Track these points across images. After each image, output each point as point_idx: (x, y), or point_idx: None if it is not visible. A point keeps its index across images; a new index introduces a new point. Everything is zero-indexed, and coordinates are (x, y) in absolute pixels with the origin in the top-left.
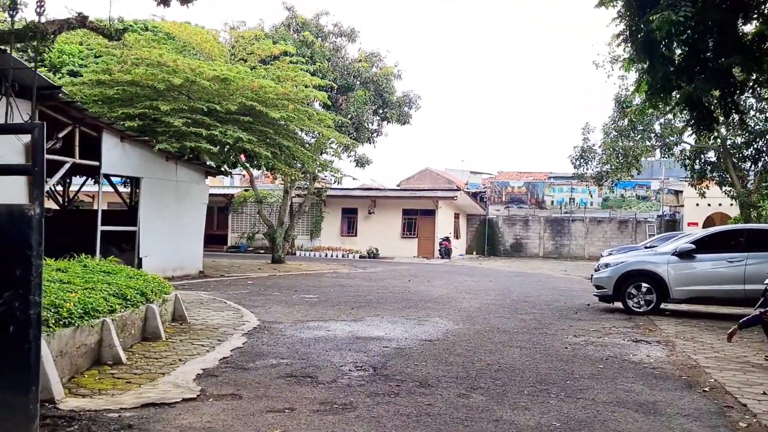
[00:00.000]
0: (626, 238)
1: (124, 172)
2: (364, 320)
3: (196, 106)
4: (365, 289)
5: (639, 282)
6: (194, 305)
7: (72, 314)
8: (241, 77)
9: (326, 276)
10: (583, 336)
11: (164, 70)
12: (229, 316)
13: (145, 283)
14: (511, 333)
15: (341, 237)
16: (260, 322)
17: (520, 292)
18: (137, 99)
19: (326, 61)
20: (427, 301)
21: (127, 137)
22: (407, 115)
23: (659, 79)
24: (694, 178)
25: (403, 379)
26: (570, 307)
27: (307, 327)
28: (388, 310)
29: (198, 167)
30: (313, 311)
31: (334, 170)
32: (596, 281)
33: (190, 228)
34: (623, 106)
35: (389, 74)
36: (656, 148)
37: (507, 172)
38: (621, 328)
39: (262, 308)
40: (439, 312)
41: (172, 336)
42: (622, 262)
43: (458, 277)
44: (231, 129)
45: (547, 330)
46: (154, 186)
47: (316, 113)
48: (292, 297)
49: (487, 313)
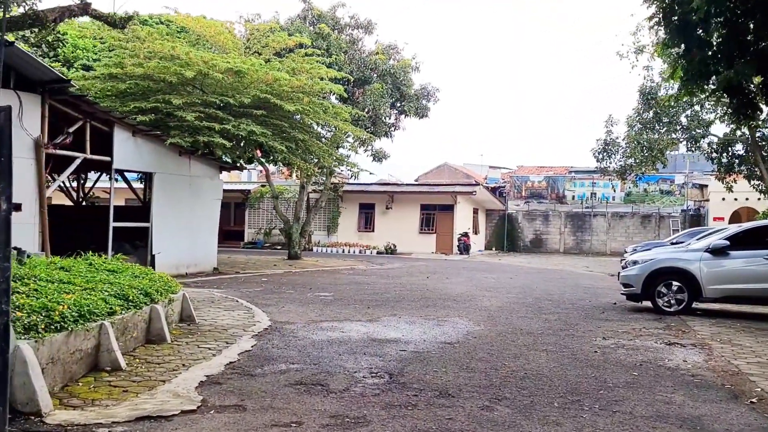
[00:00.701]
0: (649, 233)
1: (136, 167)
2: (380, 320)
3: (210, 100)
4: (382, 287)
5: (669, 280)
6: (205, 304)
7: (65, 318)
8: (255, 69)
9: (342, 273)
10: (612, 338)
11: (177, 63)
12: (239, 316)
13: (150, 283)
14: (536, 335)
15: (358, 232)
16: (272, 322)
17: (542, 289)
18: (150, 93)
19: (342, 53)
20: (446, 300)
21: (139, 132)
22: (425, 108)
23: (696, 63)
24: (721, 171)
25: (422, 387)
26: (596, 306)
27: (321, 328)
28: (406, 309)
29: (212, 162)
30: (327, 310)
31: (351, 165)
32: (624, 279)
33: (204, 224)
34: (648, 98)
35: (407, 66)
36: (682, 140)
37: (527, 167)
38: (652, 329)
39: (274, 307)
40: (459, 311)
41: (178, 338)
42: (651, 260)
43: (477, 273)
44: (244, 122)
45: (574, 331)
46: (167, 181)
47: (331, 106)
48: (306, 295)
49: (509, 312)
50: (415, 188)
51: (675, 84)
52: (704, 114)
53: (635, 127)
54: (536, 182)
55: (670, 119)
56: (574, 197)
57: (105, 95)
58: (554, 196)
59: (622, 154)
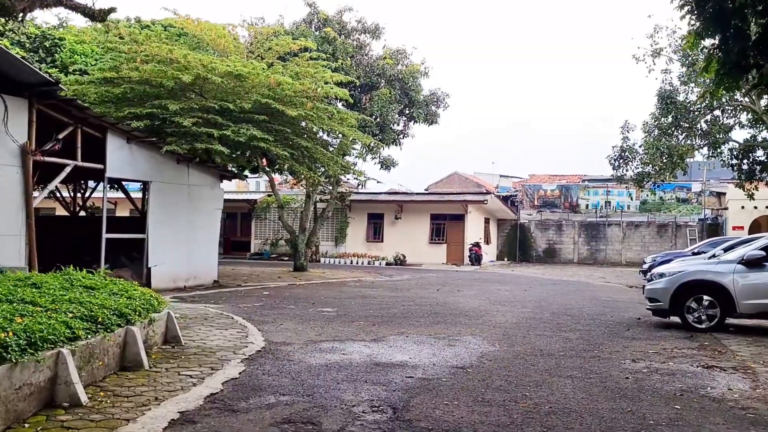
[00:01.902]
0: (665, 242)
1: (131, 175)
2: (385, 340)
3: (208, 105)
4: (389, 301)
5: (700, 294)
6: (196, 322)
7: (8, 347)
8: (256, 73)
9: (348, 285)
10: (643, 360)
11: (175, 67)
12: (232, 336)
13: (128, 301)
14: (558, 357)
15: (367, 243)
16: (266, 343)
17: (559, 303)
18: (147, 98)
19: (349, 58)
20: (458, 315)
21: (134, 138)
22: (435, 115)
23: (734, 55)
24: (742, 178)
25: (430, 427)
26: (618, 321)
27: (319, 350)
28: (414, 326)
29: (212, 170)
30: (328, 328)
31: (358, 173)
32: (649, 293)
33: (203, 235)
34: (667, 102)
35: (415, 72)
36: (703, 146)
37: (539, 175)
38: (684, 349)
39: (272, 325)
40: (472, 329)
41: (158, 363)
42: (679, 272)
43: (490, 285)
44: (245, 128)
45: (599, 352)
46: (164, 190)
47: (337, 111)
48: (308, 311)
49: (526, 329)
50: (424, 197)
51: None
52: (725, 119)
53: (653, 132)
54: (549, 191)
55: (690, 124)
56: (588, 206)
57: (101, 101)
58: (567, 205)
59: (639, 161)
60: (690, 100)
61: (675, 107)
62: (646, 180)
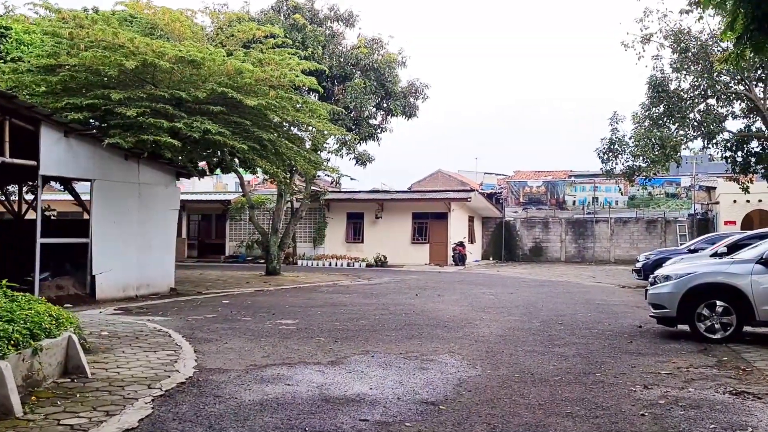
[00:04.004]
0: (655, 239)
1: (70, 173)
2: (345, 362)
3: (157, 94)
4: (361, 310)
5: (713, 300)
6: (124, 341)
7: None
8: (212, 59)
9: (321, 291)
10: (657, 386)
11: (121, 52)
12: (157, 361)
13: (4, 325)
14: (553, 384)
15: (347, 244)
16: (196, 370)
17: (549, 308)
18: (91, 88)
19: (320, 47)
20: (436, 327)
21: (73, 132)
22: (413, 107)
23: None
24: (736, 171)
25: None
26: (618, 331)
27: (260, 379)
28: (383, 342)
29: (166, 167)
30: (281, 347)
31: (331, 169)
32: (653, 298)
33: (157, 238)
34: (659, 90)
35: (392, 61)
36: (696, 137)
37: (524, 172)
38: (701, 367)
39: (215, 344)
40: (450, 344)
41: (39, 406)
42: (688, 274)
43: (474, 288)
44: (198, 120)
45: (603, 375)
46: (110, 189)
47: (304, 101)
48: (264, 324)
49: (514, 344)
50: (406, 195)
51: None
52: (719, 107)
53: (644, 123)
54: (535, 187)
55: (684, 114)
56: (575, 202)
57: (37, 92)
58: (554, 201)
59: (630, 153)
60: (683, 89)
61: (667, 96)
62: (637, 174)
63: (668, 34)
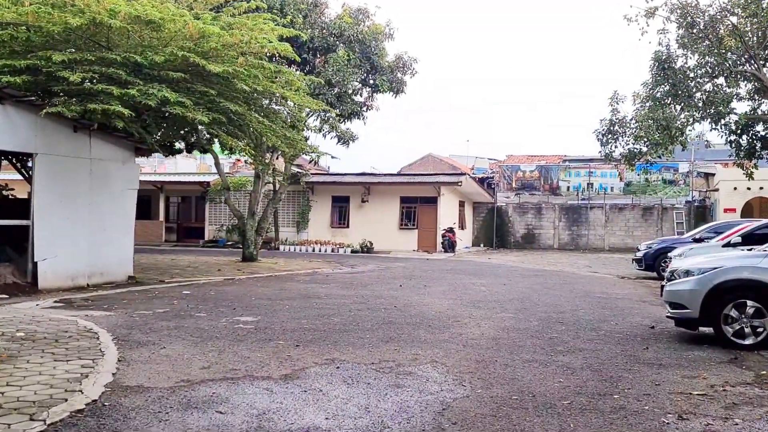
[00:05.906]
0: (651, 227)
1: (6, 145)
2: (302, 377)
3: (109, 57)
4: (335, 304)
5: (742, 299)
6: (38, 346)
7: None
8: (172, 19)
9: (296, 280)
10: (693, 415)
11: (69, 10)
12: (61, 376)
13: None
14: (561, 411)
15: (331, 229)
16: (107, 389)
17: (547, 303)
18: (33, 49)
19: (301, 16)
20: (418, 326)
21: (9, 98)
22: (401, 83)
23: None
24: (741, 156)
25: None
26: (628, 332)
27: (187, 403)
28: (354, 347)
29: (123, 142)
30: (229, 354)
31: (310, 147)
32: (671, 296)
33: (113, 221)
34: (664, 67)
35: (379, 33)
36: (704, 118)
37: (517, 156)
38: (739, 384)
39: (149, 348)
40: (434, 350)
41: None
42: (713, 269)
43: (464, 278)
44: (155, 88)
45: (622, 397)
46: (56, 165)
47: (275, 68)
48: (219, 322)
49: (509, 351)
50: (394, 179)
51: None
52: (727, 86)
53: (647, 104)
54: (528, 172)
55: (690, 93)
56: (569, 188)
57: None
58: (547, 187)
59: (631, 135)
60: (689, 66)
61: (673, 73)
62: (638, 158)
63: (674, 7)
